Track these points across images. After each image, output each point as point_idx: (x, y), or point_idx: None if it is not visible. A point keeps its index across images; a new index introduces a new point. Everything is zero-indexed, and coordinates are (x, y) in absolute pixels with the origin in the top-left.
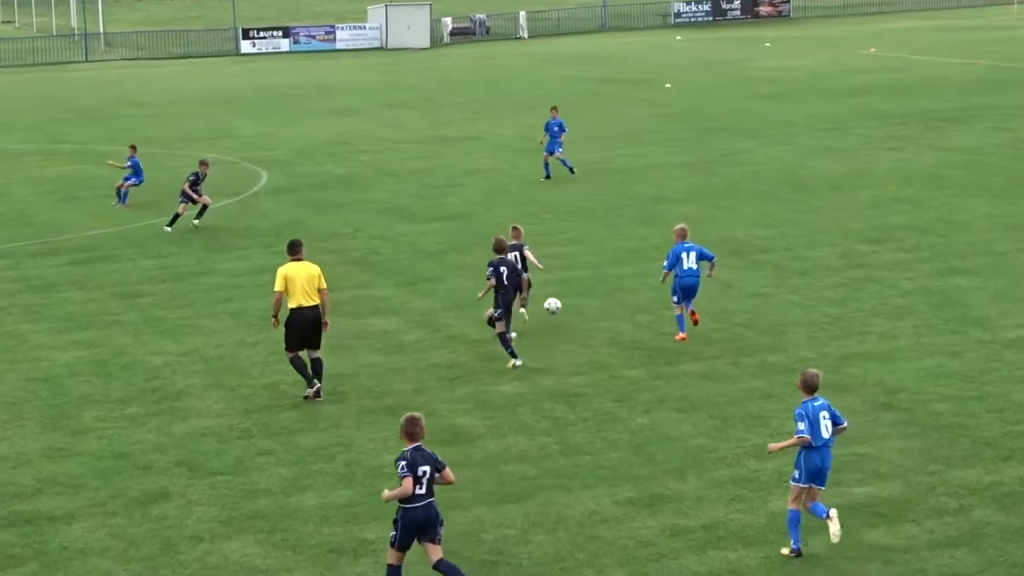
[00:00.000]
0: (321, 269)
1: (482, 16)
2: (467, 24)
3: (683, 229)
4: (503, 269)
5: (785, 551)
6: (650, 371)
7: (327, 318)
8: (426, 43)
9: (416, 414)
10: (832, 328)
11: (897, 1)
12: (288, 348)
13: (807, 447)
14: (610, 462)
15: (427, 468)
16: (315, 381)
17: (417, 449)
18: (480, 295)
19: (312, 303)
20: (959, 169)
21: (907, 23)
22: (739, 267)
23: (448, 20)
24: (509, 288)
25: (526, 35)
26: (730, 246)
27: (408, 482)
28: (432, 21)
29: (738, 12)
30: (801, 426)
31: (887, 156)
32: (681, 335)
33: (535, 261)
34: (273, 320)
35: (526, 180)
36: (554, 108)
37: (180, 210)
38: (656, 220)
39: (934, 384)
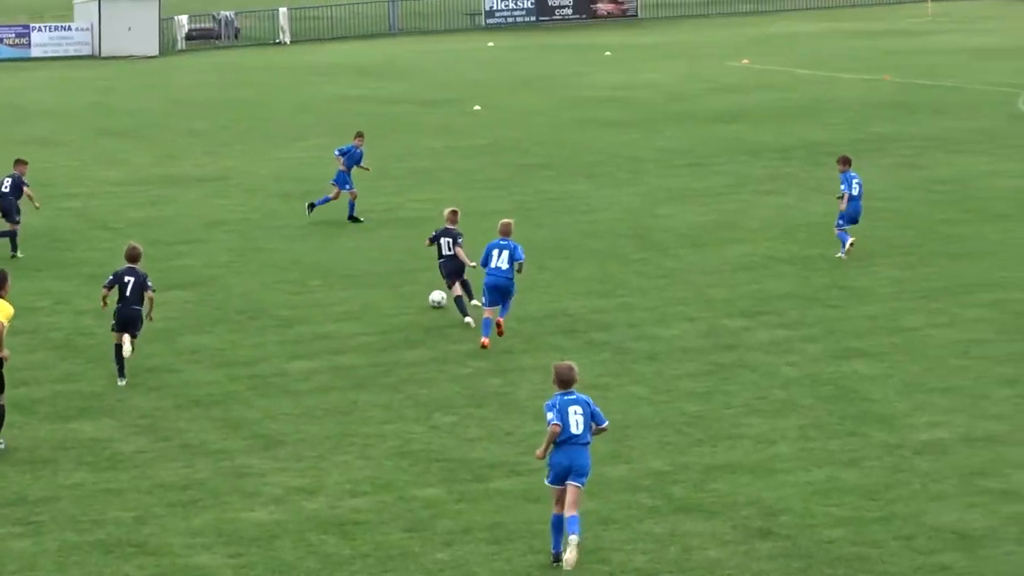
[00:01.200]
0: (11, 355)
1: (229, 14)
2: (209, 25)
3: (507, 224)
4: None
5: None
6: (451, 490)
7: None
8: (154, 50)
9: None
10: (692, 430)
11: None
12: None
13: (556, 444)
14: None
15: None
16: None
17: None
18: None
19: None
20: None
21: (792, 26)
22: (570, 350)
23: (184, 20)
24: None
25: (288, 39)
26: (558, 322)
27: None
28: (162, 21)
29: (570, 11)
30: (550, 415)
31: (764, 202)
32: (483, 339)
33: (464, 258)
34: None
35: (289, 234)
36: (359, 134)
37: None
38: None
39: (824, 503)
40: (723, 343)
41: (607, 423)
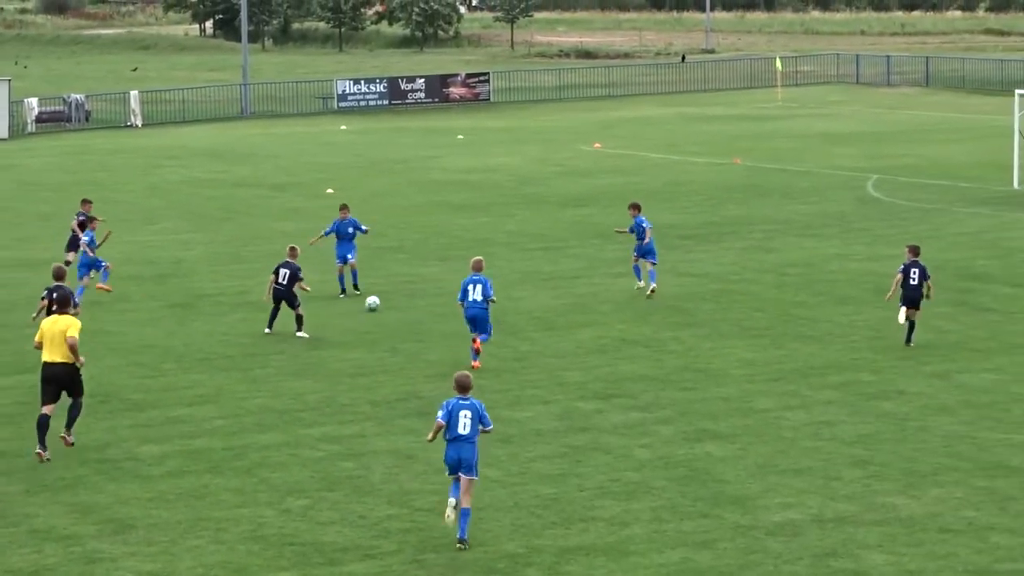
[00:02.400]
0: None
1: (80, 97)
2: (60, 108)
3: (479, 262)
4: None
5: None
6: (305, 574)
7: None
8: (4, 132)
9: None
10: (545, 513)
11: (630, 82)
12: None
13: (448, 440)
14: None
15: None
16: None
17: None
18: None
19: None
20: (709, 302)
21: (644, 110)
22: (423, 433)
23: (34, 102)
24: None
25: (140, 123)
26: (412, 405)
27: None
28: (12, 103)
29: (422, 95)
30: (440, 413)
31: (616, 285)
32: (474, 363)
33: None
34: None
35: (140, 318)
36: (344, 207)
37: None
38: (313, 371)
39: None
40: (577, 425)
41: (492, 427)
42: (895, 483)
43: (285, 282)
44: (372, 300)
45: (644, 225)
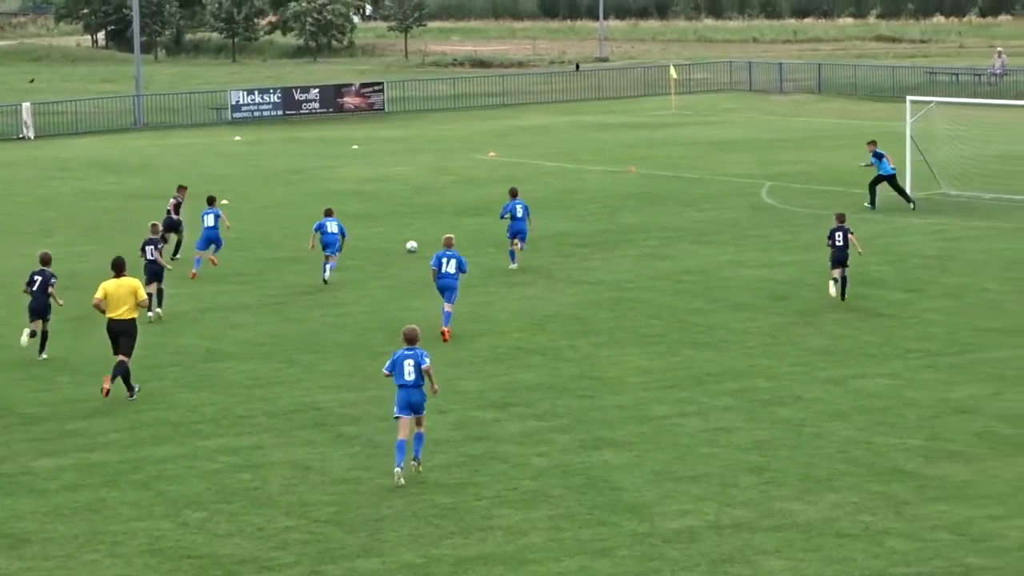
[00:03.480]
0: None
1: None
2: None
3: (450, 239)
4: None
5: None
6: None
7: None
8: None
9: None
10: (443, 522)
11: (524, 91)
12: None
13: (398, 386)
14: None
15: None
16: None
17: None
18: None
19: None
20: (605, 310)
21: (538, 119)
22: (321, 444)
23: None
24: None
25: (32, 134)
26: (308, 416)
27: None
28: None
29: (316, 105)
30: (386, 364)
31: (512, 293)
32: (444, 329)
33: (165, 263)
34: None
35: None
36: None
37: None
38: (209, 383)
39: None
40: (474, 434)
41: (427, 364)
42: (791, 489)
43: (152, 257)
44: (412, 244)
45: (518, 205)
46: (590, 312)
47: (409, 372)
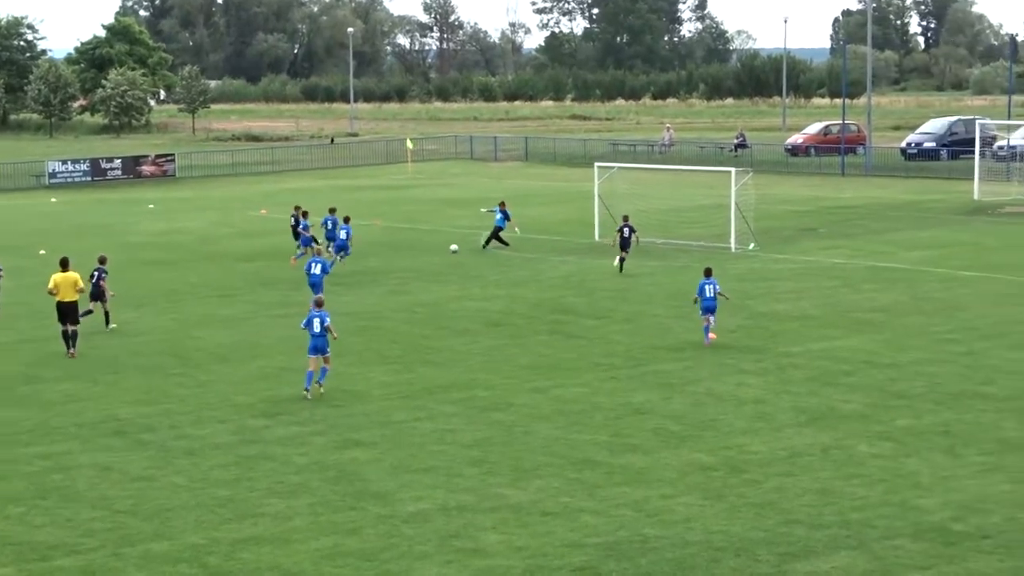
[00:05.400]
0: None
1: None
2: None
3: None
4: None
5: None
6: (21, 568)
7: None
8: None
9: None
10: (222, 511)
11: (290, 160)
12: None
13: (311, 336)
14: None
15: None
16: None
17: None
18: None
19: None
20: (355, 335)
21: (302, 182)
22: (120, 449)
23: None
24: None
25: None
26: (111, 426)
27: None
28: None
29: (119, 172)
30: (303, 321)
31: (277, 324)
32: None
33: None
34: None
35: None
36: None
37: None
38: (28, 401)
39: (331, 565)
40: (248, 439)
41: (328, 322)
42: (505, 477)
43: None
44: (454, 247)
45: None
46: (343, 338)
47: (317, 327)
